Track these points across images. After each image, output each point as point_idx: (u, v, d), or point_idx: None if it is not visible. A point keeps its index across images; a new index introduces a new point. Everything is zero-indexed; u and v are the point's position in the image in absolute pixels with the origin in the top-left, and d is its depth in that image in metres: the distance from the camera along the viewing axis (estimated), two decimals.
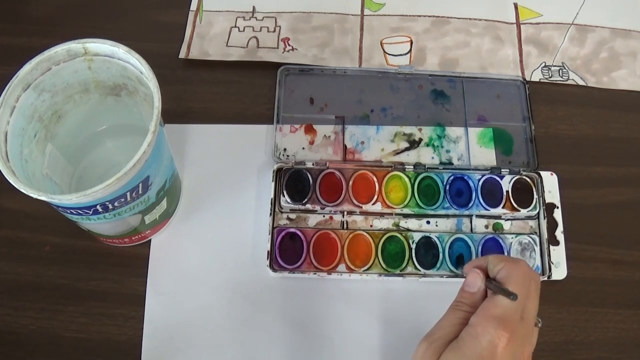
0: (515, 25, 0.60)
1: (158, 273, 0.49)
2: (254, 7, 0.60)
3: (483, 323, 0.33)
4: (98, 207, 0.39)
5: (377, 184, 0.51)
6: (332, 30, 0.59)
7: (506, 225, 0.52)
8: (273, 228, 0.50)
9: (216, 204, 0.52)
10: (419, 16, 0.60)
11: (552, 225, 0.51)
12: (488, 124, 0.55)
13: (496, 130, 0.55)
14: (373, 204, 0.51)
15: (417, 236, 0.50)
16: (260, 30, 0.59)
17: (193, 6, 0.60)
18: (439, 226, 0.51)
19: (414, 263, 0.49)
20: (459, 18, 0.60)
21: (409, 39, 0.59)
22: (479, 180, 0.52)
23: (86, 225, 0.44)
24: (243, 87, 0.57)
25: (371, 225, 0.51)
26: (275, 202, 0.50)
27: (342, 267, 0.49)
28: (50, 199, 0.37)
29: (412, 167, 0.52)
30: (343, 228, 0.51)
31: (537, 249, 0.50)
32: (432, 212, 0.51)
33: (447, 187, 0.51)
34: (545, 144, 0.55)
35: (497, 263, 0.36)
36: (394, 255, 0.50)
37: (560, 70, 0.58)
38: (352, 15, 0.60)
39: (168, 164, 0.45)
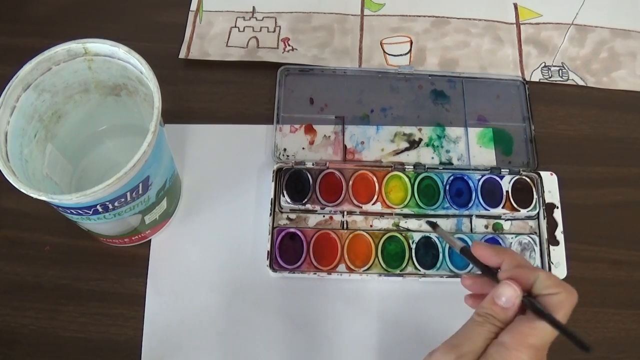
0: (515, 25, 0.60)
1: (158, 273, 0.49)
2: (254, 7, 0.60)
3: (519, 349, 0.31)
4: (98, 207, 0.39)
5: (377, 184, 0.51)
6: (332, 30, 0.59)
7: (506, 225, 0.52)
8: (273, 228, 0.50)
9: (216, 204, 0.52)
10: (419, 16, 0.60)
11: (552, 225, 0.51)
12: (488, 124, 0.55)
13: (496, 131, 0.55)
14: (373, 204, 0.51)
15: (417, 236, 0.50)
16: (260, 30, 0.59)
17: (193, 6, 0.60)
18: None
19: (414, 263, 0.49)
20: (459, 18, 0.60)
21: (409, 39, 0.59)
22: (479, 180, 0.52)
23: (86, 225, 0.44)
24: (243, 87, 0.57)
25: (371, 225, 0.51)
26: (275, 202, 0.50)
27: (342, 267, 0.49)
28: (50, 199, 0.37)
29: (412, 167, 0.52)
30: (343, 228, 0.51)
31: (537, 249, 0.50)
32: (432, 212, 0.51)
33: (447, 187, 0.51)
34: (545, 144, 0.55)
35: (550, 286, 0.33)
36: (394, 255, 0.50)
37: (560, 71, 0.58)
38: (352, 15, 0.60)
39: (168, 164, 0.45)
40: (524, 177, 0.52)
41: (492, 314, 0.33)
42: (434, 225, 0.41)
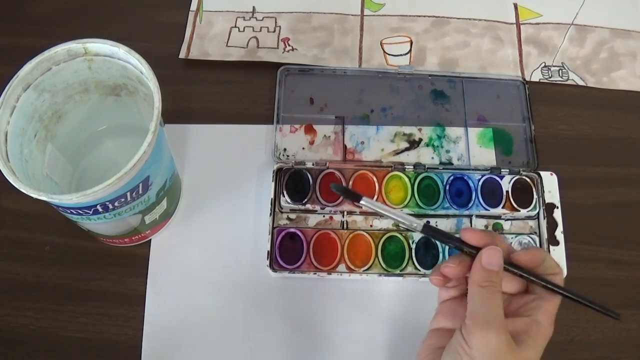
0: (515, 25, 0.60)
1: (158, 273, 0.49)
2: (254, 7, 0.60)
3: (548, 324, 0.36)
4: (98, 207, 0.39)
5: (377, 184, 0.51)
6: (332, 30, 0.59)
7: (506, 226, 0.52)
8: (273, 228, 0.50)
9: (216, 204, 0.52)
10: (419, 16, 0.60)
11: (552, 225, 0.51)
12: (488, 124, 0.55)
13: (496, 131, 0.55)
14: None
15: (417, 236, 0.50)
16: (260, 30, 0.59)
17: (193, 6, 0.60)
18: (439, 226, 0.51)
19: (414, 263, 0.49)
20: (459, 18, 0.60)
21: (409, 39, 0.59)
22: (479, 180, 0.52)
23: (86, 225, 0.44)
24: (243, 87, 0.57)
25: (371, 225, 0.51)
26: (275, 202, 0.50)
27: (342, 267, 0.49)
28: (50, 199, 0.37)
29: (412, 167, 0.52)
30: (343, 228, 0.51)
31: None
32: (432, 212, 0.51)
33: (447, 187, 0.51)
34: (545, 144, 0.55)
35: (553, 267, 0.37)
36: (394, 255, 0.50)
37: (560, 71, 0.58)
38: (352, 15, 0.60)
39: (168, 164, 0.45)
40: (524, 177, 0.52)
41: (495, 281, 0.35)
42: (344, 192, 0.38)
